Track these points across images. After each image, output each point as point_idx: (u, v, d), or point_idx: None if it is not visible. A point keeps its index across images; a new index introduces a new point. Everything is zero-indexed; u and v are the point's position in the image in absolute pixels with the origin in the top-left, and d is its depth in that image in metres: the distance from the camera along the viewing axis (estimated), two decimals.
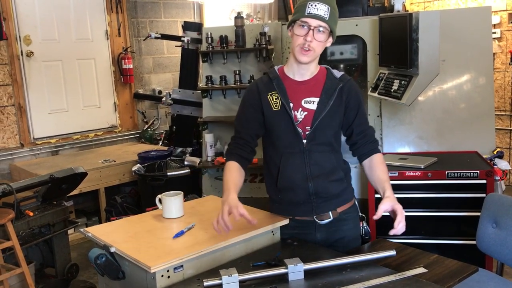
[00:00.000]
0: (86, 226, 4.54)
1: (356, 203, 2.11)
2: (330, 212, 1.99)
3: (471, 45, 3.24)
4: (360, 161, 2.03)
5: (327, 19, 1.84)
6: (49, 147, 5.03)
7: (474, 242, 2.36)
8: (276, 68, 2.03)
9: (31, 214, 3.21)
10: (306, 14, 1.84)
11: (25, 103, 4.86)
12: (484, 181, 2.72)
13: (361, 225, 2.16)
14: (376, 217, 1.76)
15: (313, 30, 1.84)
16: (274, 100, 1.95)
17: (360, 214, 2.14)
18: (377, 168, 1.96)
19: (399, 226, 1.75)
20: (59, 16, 5.08)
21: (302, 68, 1.95)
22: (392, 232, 1.75)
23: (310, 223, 2.00)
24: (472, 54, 3.25)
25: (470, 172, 2.75)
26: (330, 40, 1.92)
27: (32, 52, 4.85)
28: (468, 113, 3.27)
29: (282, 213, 2.00)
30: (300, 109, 1.94)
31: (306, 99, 1.94)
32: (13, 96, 4.76)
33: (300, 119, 1.93)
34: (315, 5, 1.83)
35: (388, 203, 1.79)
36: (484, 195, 2.61)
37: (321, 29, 1.85)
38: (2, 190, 3.10)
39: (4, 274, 2.84)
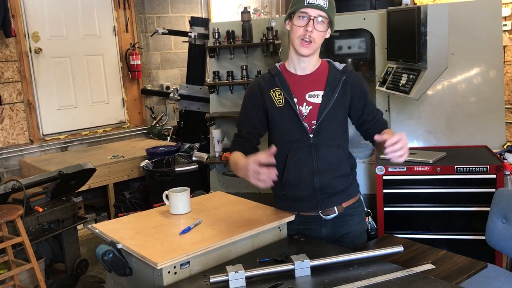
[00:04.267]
0: (95, 222, 4.56)
1: (362, 198, 2.10)
2: (335, 207, 1.98)
3: (480, 38, 3.19)
4: (373, 143, 2.00)
5: (326, 8, 1.83)
6: (58, 143, 5.06)
7: (483, 238, 2.34)
8: (277, 64, 2.02)
9: (41, 210, 3.24)
10: (305, 4, 1.82)
11: (34, 100, 4.89)
12: (494, 176, 2.69)
13: (367, 221, 2.15)
14: (377, 138, 1.74)
15: (313, 20, 1.83)
16: (277, 96, 1.94)
17: (366, 209, 2.13)
18: (384, 132, 1.92)
19: (393, 145, 1.62)
20: (67, 12, 5.10)
21: (303, 61, 1.94)
22: (386, 151, 1.65)
23: (315, 218, 1.99)
24: (482, 47, 3.20)
25: (479, 167, 2.72)
26: (329, 31, 1.91)
27: (40, 49, 4.88)
28: (477, 107, 3.24)
29: (287, 209, 2.00)
30: (305, 103, 1.93)
31: (310, 93, 1.93)
32: (22, 92, 4.79)
33: (306, 114, 1.92)
34: None
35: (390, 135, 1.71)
36: (493, 190, 2.58)
37: (320, 19, 1.84)
38: (11, 186, 3.12)
39: (14, 270, 2.87)
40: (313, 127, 1.92)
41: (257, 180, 1.63)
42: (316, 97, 1.93)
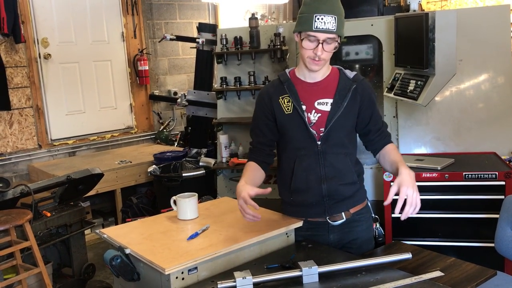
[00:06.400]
0: (103, 227, 4.58)
1: (369, 204, 2.10)
2: (342, 213, 1.98)
3: (489, 44, 3.18)
4: (374, 154, 2.03)
5: (335, 30, 1.82)
6: (66, 148, 5.09)
7: (492, 245, 2.32)
8: (287, 71, 2.03)
9: (49, 214, 3.26)
10: (314, 28, 1.80)
11: (43, 105, 4.92)
12: (503, 183, 2.67)
13: (375, 227, 2.14)
14: (386, 202, 1.74)
15: (322, 43, 1.82)
16: (286, 103, 1.95)
17: (373, 215, 2.13)
18: (390, 153, 1.95)
19: (404, 212, 1.72)
20: (75, 18, 5.14)
21: (313, 72, 1.94)
22: (402, 216, 1.73)
23: (322, 224, 1.99)
24: (490, 53, 3.20)
25: (488, 174, 2.70)
26: (339, 41, 1.91)
27: (49, 55, 4.92)
28: (486, 113, 3.22)
29: (295, 215, 2.00)
30: (314, 110, 1.93)
31: (319, 101, 1.94)
32: (31, 98, 4.83)
33: (314, 121, 1.92)
34: (322, 19, 1.79)
35: (395, 186, 1.74)
36: (502, 196, 2.57)
37: (329, 41, 1.83)
38: (20, 191, 3.14)
39: (22, 274, 2.88)
40: (321, 134, 1.92)
41: (243, 215, 1.78)
42: (325, 104, 1.93)
